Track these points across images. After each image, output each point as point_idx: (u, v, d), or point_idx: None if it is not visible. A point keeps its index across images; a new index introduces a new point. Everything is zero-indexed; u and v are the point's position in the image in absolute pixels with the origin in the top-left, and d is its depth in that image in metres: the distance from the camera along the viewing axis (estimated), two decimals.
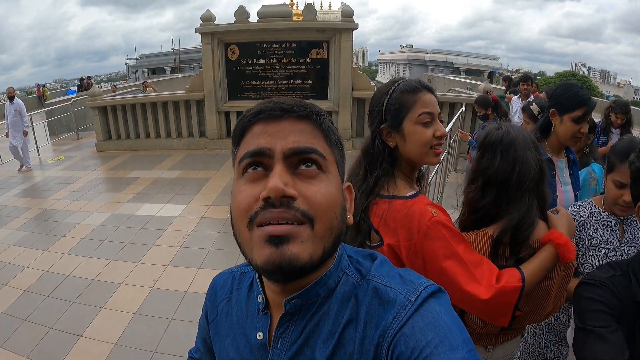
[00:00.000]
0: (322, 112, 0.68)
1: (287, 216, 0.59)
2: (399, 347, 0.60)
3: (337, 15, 29.59)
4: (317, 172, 0.63)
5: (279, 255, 0.58)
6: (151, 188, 6.97)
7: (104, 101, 9.59)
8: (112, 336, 3.40)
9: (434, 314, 0.61)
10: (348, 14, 8.68)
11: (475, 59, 29.67)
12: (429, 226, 1.21)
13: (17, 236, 5.45)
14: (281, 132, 0.63)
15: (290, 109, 0.65)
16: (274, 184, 0.58)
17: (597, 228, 1.71)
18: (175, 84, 18.85)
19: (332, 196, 0.64)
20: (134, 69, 33.95)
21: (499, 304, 1.20)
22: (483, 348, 1.62)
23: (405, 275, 0.70)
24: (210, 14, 8.76)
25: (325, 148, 0.66)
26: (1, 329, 3.56)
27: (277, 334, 0.71)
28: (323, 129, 0.67)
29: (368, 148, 1.38)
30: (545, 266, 1.32)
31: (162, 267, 4.44)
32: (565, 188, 2.20)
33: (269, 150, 0.62)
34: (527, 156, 1.43)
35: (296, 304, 0.68)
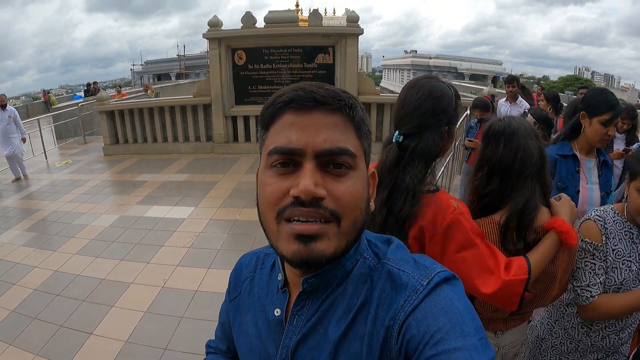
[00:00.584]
0: (355, 104, 0.67)
1: (316, 215, 0.60)
2: (410, 330, 0.60)
3: (341, 22, 29.76)
4: (346, 171, 0.63)
5: (306, 252, 0.61)
6: (159, 191, 6.99)
7: (111, 106, 9.64)
8: (123, 334, 3.39)
9: (447, 300, 0.62)
10: (353, 20, 8.73)
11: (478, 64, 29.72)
12: (452, 219, 1.29)
13: (25, 237, 5.47)
14: (313, 126, 0.62)
15: (323, 100, 0.63)
16: (306, 187, 0.59)
17: (621, 238, 1.61)
18: (180, 90, 18.95)
19: (359, 193, 0.64)
20: (139, 75, 34.15)
21: (506, 294, 1.28)
22: (492, 334, 1.66)
23: (420, 260, 0.71)
24: (218, 19, 8.82)
25: (355, 142, 0.66)
26: (11, 326, 3.57)
27: (293, 311, 0.73)
28: (355, 122, 0.66)
29: (430, 147, 1.37)
30: (549, 254, 1.40)
31: (172, 267, 4.43)
32: (590, 186, 2.28)
33: (300, 150, 0.62)
34: (528, 144, 1.51)
35: (313, 283, 0.70)
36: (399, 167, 1.37)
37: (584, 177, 2.29)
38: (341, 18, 38.33)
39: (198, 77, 29.22)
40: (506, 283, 1.26)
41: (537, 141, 1.55)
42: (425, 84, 1.41)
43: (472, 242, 1.29)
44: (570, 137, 2.34)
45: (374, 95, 8.99)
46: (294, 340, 0.72)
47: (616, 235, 1.60)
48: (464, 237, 1.29)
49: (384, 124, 8.95)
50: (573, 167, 2.28)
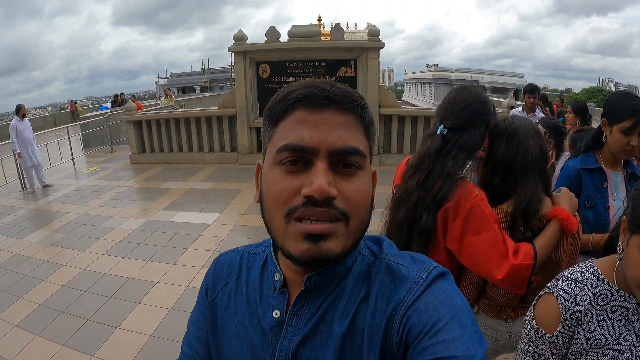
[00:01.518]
0: (366, 104, 0.67)
1: (328, 215, 0.60)
2: (411, 320, 0.62)
3: (362, 36, 29.85)
4: (356, 171, 0.64)
5: (316, 250, 0.61)
6: (184, 198, 7.09)
7: (139, 116, 9.88)
8: (148, 328, 3.44)
9: (447, 293, 0.64)
10: (374, 34, 8.80)
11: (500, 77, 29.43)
12: (473, 203, 1.46)
13: (54, 237, 5.60)
14: (325, 124, 0.62)
15: (336, 99, 0.63)
16: (320, 186, 0.58)
17: (605, 318, 1.05)
18: (205, 102, 19.29)
19: (367, 193, 0.65)
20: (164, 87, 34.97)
21: (514, 278, 1.41)
22: (504, 322, 1.75)
23: (415, 256, 0.73)
24: (243, 34, 8.99)
25: (364, 142, 0.66)
26: (38, 319, 3.65)
27: (292, 311, 0.72)
28: (365, 122, 0.66)
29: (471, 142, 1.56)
30: (552, 240, 1.51)
31: (197, 268, 4.48)
32: (618, 203, 2.00)
33: (314, 149, 0.61)
34: (528, 143, 1.60)
35: (316, 281, 0.70)
36: (440, 156, 1.54)
37: (611, 193, 2.03)
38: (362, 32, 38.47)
39: (222, 90, 29.53)
40: (514, 267, 1.39)
41: (538, 140, 1.64)
42: (473, 90, 1.64)
43: (489, 226, 1.44)
44: (593, 147, 2.09)
45: (395, 108, 9.00)
46: (294, 342, 0.70)
47: (596, 315, 1.06)
48: (482, 221, 1.44)
49: (404, 135, 8.95)
50: (600, 182, 2.04)
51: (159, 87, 35.14)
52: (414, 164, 1.61)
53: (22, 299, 3.99)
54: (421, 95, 40.08)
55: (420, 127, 8.85)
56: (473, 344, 0.57)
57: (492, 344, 1.80)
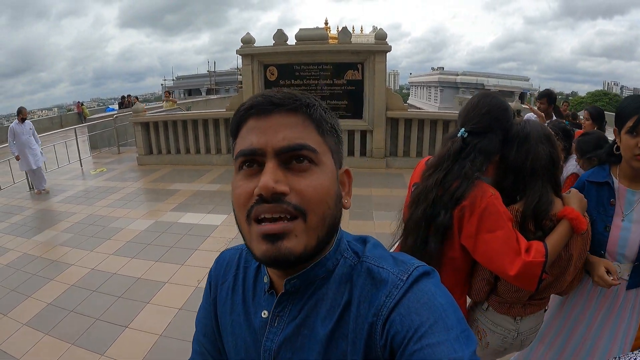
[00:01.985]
0: (313, 103, 0.69)
1: (279, 210, 0.61)
2: (395, 326, 0.61)
3: (369, 39, 29.82)
4: (309, 166, 0.65)
5: (275, 250, 0.62)
6: (192, 199, 7.08)
7: (146, 117, 9.90)
8: (158, 328, 3.43)
9: (429, 294, 0.63)
10: (381, 37, 8.80)
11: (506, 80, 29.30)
12: (489, 202, 1.52)
13: (62, 237, 5.59)
14: (272, 127, 0.65)
15: (280, 102, 0.66)
16: (264, 183, 0.61)
17: None
18: (211, 105, 19.36)
19: (324, 188, 0.65)
20: (170, 89, 35.06)
21: (526, 275, 1.46)
22: (512, 319, 1.79)
23: (398, 257, 0.72)
24: (250, 36, 9.01)
25: (317, 139, 0.67)
26: (47, 318, 3.65)
27: (274, 313, 0.74)
28: (314, 119, 0.68)
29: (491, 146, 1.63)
30: (563, 239, 1.56)
31: (206, 269, 4.43)
32: (627, 225, 1.80)
33: (261, 150, 0.64)
34: (538, 149, 1.64)
35: (295, 284, 0.71)
36: (459, 157, 1.61)
37: (620, 212, 1.82)
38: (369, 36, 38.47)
39: (227, 92, 29.70)
40: (527, 264, 1.44)
41: (549, 146, 1.67)
42: (495, 97, 1.70)
43: (503, 224, 1.50)
44: (609, 160, 1.91)
45: (402, 111, 8.98)
46: (275, 343, 0.72)
47: None
48: (497, 219, 1.50)
49: (411, 138, 8.93)
50: (606, 198, 1.85)
51: (165, 89, 35.35)
52: (434, 164, 1.68)
53: (31, 298, 3.98)
54: (427, 99, 40.00)
55: (427, 131, 8.84)
56: (460, 346, 0.57)
57: (500, 342, 1.84)
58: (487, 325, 1.84)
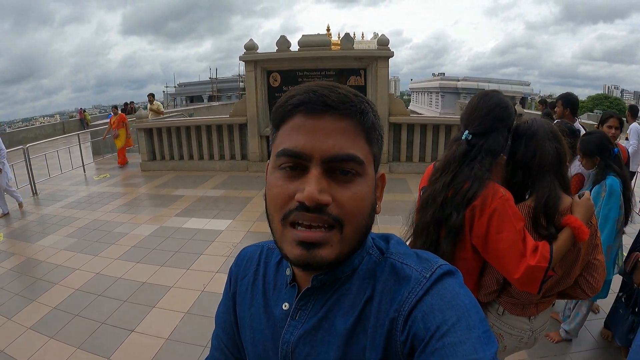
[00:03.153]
0: (367, 109, 0.65)
1: (320, 220, 0.60)
2: (417, 323, 0.61)
3: (370, 45, 29.86)
4: (353, 178, 0.63)
5: (308, 257, 0.61)
6: (196, 205, 7.06)
7: (150, 123, 9.93)
8: (164, 332, 3.41)
9: (452, 293, 0.62)
10: (384, 43, 8.85)
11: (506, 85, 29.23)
12: (499, 203, 1.53)
13: (66, 242, 5.58)
14: (321, 130, 0.61)
15: (333, 105, 0.62)
16: (309, 193, 0.58)
17: None
18: (213, 111, 19.39)
19: (364, 200, 0.64)
20: (172, 96, 34.89)
21: (528, 279, 1.49)
22: (527, 319, 1.82)
23: (422, 254, 0.71)
24: (254, 43, 9.04)
25: (365, 148, 0.65)
26: (52, 322, 3.63)
27: (297, 306, 0.73)
28: (366, 127, 0.65)
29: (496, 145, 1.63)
30: (565, 246, 1.59)
31: (212, 273, 4.45)
32: None
33: (307, 155, 0.61)
34: (545, 145, 1.68)
35: (323, 280, 0.70)
36: (467, 159, 1.62)
37: None
38: (370, 42, 38.60)
39: (229, 99, 29.66)
40: (530, 268, 1.47)
41: (556, 142, 1.71)
42: (495, 95, 1.69)
43: (512, 226, 1.51)
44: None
45: (404, 116, 9.01)
46: (295, 335, 0.71)
47: None
48: (505, 220, 1.52)
49: (413, 143, 8.96)
50: None
51: (167, 96, 35.29)
52: (441, 167, 1.70)
53: (36, 302, 3.96)
54: (428, 104, 40.05)
55: (429, 136, 8.86)
56: (481, 346, 0.56)
57: (517, 343, 1.86)
58: (504, 329, 1.85)
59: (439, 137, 8.84)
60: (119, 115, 11.06)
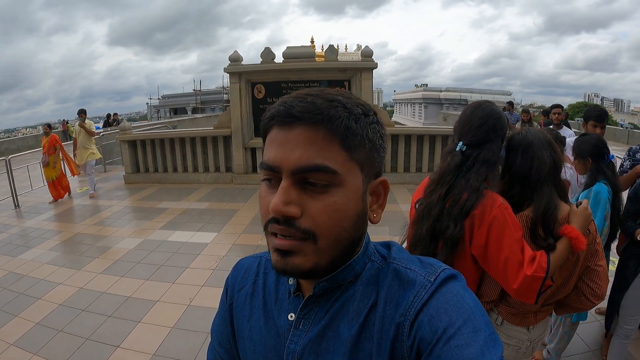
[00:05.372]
0: (337, 115, 0.61)
1: (288, 233, 0.61)
2: (423, 327, 0.61)
3: (353, 57, 30.04)
4: (326, 189, 0.61)
5: (283, 264, 0.63)
6: (181, 217, 7.01)
7: (133, 135, 9.84)
8: (150, 347, 3.37)
9: (458, 296, 0.63)
10: (368, 54, 8.96)
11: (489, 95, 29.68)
12: (498, 212, 1.54)
13: (49, 256, 5.49)
14: (291, 142, 0.61)
15: (299, 116, 0.60)
16: (273, 205, 0.60)
17: None
18: (197, 124, 19.34)
19: (340, 212, 0.62)
20: (156, 108, 34.59)
21: (525, 289, 1.51)
22: (525, 329, 1.82)
23: (424, 259, 0.72)
24: (238, 54, 9.07)
25: (341, 156, 0.62)
26: (35, 338, 3.56)
27: (300, 315, 0.73)
28: (338, 133, 0.61)
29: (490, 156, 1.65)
30: (563, 256, 1.59)
31: (197, 287, 4.42)
32: None
33: (278, 167, 0.61)
34: (542, 155, 1.69)
35: (324, 287, 0.70)
36: (462, 171, 1.64)
37: None
38: (353, 54, 38.87)
39: (213, 111, 29.69)
40: (527, 278, 1.48)
41: (551, 151, 1.72)
42: (487, 106, 1.71)
43: (510, 235, 1.52)
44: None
45: (389, 127, 9.08)
46: (300, 345, 0.71)
47: None
48: (504, 230, 1.52)
49: (398, 154, 9.04)
50: None
51: (151, 108, 35.01)
52: (436, 179, 1.70)
53: (18, 318, 3.89)
54: (411, 115, 40.41)
55: (414, 146, 8.97)
56: (488, 348, 0.56)
57: (514, 353, 1.84)
58: (502, 339, 1.83)
59: (424, 147, 8.95)
60: (50, 136, 8.73)
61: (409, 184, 8.73)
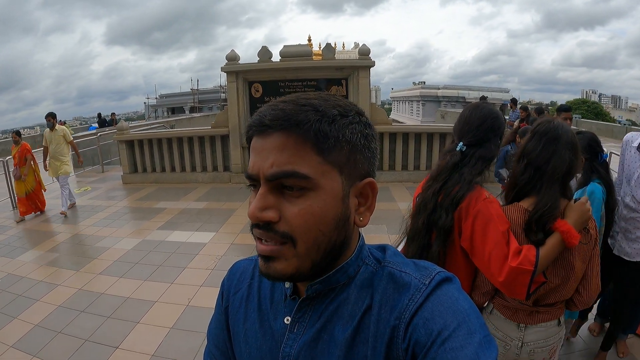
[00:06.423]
0: (306, 119, 0.61)
1: (268, 237, 0.62)
2: (418, 329, 0.61)
3: (350, 55, 29.93)
4: (302, 193, 0.62)
5: (266, 269, 0.64)
6: (179, 217, 7.02)
7: (131, 135, 9.85)
8: (149, 348, 3.38)
9: (452, 299, 0.63)
10: (365, 52, 8.96)
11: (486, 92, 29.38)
12: (482, 205, 1.60)
13: (47, 257, 5.50)
14: (265, 151, 0.62)
15: (268, 124, 0.62)
16: (251, 211, 0.62)
17: None
18: (195, 123, 19.30)
19: (315, 216, 0.62)
20: (154, 108, 34.47)
21: (512, 282, 1.52)
22: (516, 326, 1.78)
23: (419, 263, 0.72)
24: (235, 54, 9.06)
25: (314, 161, 0.62)
26: (35, 339, 3.57)
27: (294, 318, 0.73)
28: (310, 138, 0.61)
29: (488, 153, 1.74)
30: (554, 250, 1.58)
31: (196, 287, 4.43)
32: None
33: (256, 175, 0.63)
34: (563, 154, 1.66)
35: (317, 289, 0.71)
36: (458, 167, 1.71)
37: None
38: (351, 52, 38.77)
39: (211, 110, 29.57)
40: (512, 270, 1.50)
41: (573, 154, 1.68)
42: (485, 107, 1.79)
43: (496, 227, 1.56)
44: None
45: (387, 125, 9.09)
46: (295, 348, 0.71)
47: None
48: (490, 222, 1.58)
49: (396, 152, 9.06)
50: None
51: (148, 107, 34.91)
52: (433, 175, 1.78)
53: (18, 319, 3.90)
54: (409, 113, 40.36)
55: (412, 144, 8.98)
56: (482, 350, 0.57)
57: (501, 349, 1.80)
58: (489, 330, 1.81)
59: (421, 145, 8.96)
60: (20, 145, 7.61)
61: (407, 182, 8.74)
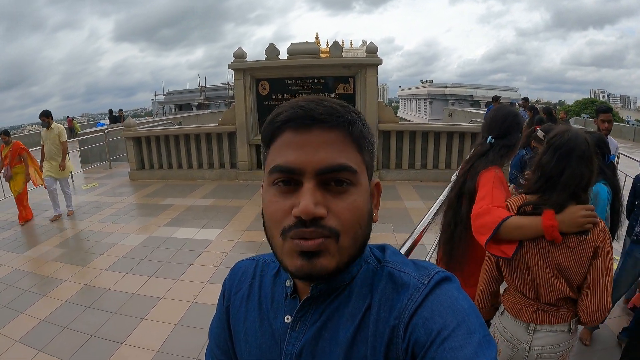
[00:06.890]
0: (353, 119, 0.66)
1: (316, 234, 0.61)
2: (418, 329, 0.61)
3: (358, 53, 29.88)
4: (347, 188, 0.63)
5: (310, 267, 0.62)
6: (186, 214, 7.03)
7: (138, 132, 9.89)
8: (155, 344, 3.38)
9: (451, 298, 0.63)
10: (372, 50, 8.91)
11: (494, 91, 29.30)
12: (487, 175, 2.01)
13: (55, 253, 5.53)
14: (310, 144, 0.62)
15: (320, 118, 0.63)
16: (305, 207, 0.59)
17: None
18: (202, 120, 19.34)
19: (360, 210, 0.64)
20: (161, 104, 34.64)
21: (480, 221, 1.78)
22: (525, 328, 1.78)
23: (419, 262, 0.73)
24: (242, 51, 9.05)
25: (356, 157, 0.65)
26: (41, 334, 3.59)
27: (297, 317, 0.73)
28: (354, 137, 0.65)
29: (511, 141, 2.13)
30: (530, 227, 1.66)
31: (202, 284, 4.43)
32: None
33: (300, 170, 0.62)
34: (576, 167, 1.63)
35: (322, 289, 0.71)
36: (486, 154, 2.12)
37: None
38: (358, 50, 38.75)
39: (218, 107, 29.69)
40: (485, 210, 1.78)
41: (586, 168, 1.65)
42: (506, 107, 2.27)
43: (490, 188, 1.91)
44: None
45: (394, 124, 9.06)
46: (297, 347, 0.71)
47: None
48: (485, 184, 1.96)
49: (403, 150, 9.02)
50: None
51: (156, 104, 35.08)
52: (466, 160, 2.24)
53: (24, 314, 3.92)
54: (416, 111, 40.32)
55: (419, 142, 8.94)
56: (482, 350, 0.56)
57: (510, 352, 1.80)
58: (500, 331, 1.85)
59: (429, 143, 8.92)
60: (12, 144, 7.19)
61: (414, 181, 8.71)
